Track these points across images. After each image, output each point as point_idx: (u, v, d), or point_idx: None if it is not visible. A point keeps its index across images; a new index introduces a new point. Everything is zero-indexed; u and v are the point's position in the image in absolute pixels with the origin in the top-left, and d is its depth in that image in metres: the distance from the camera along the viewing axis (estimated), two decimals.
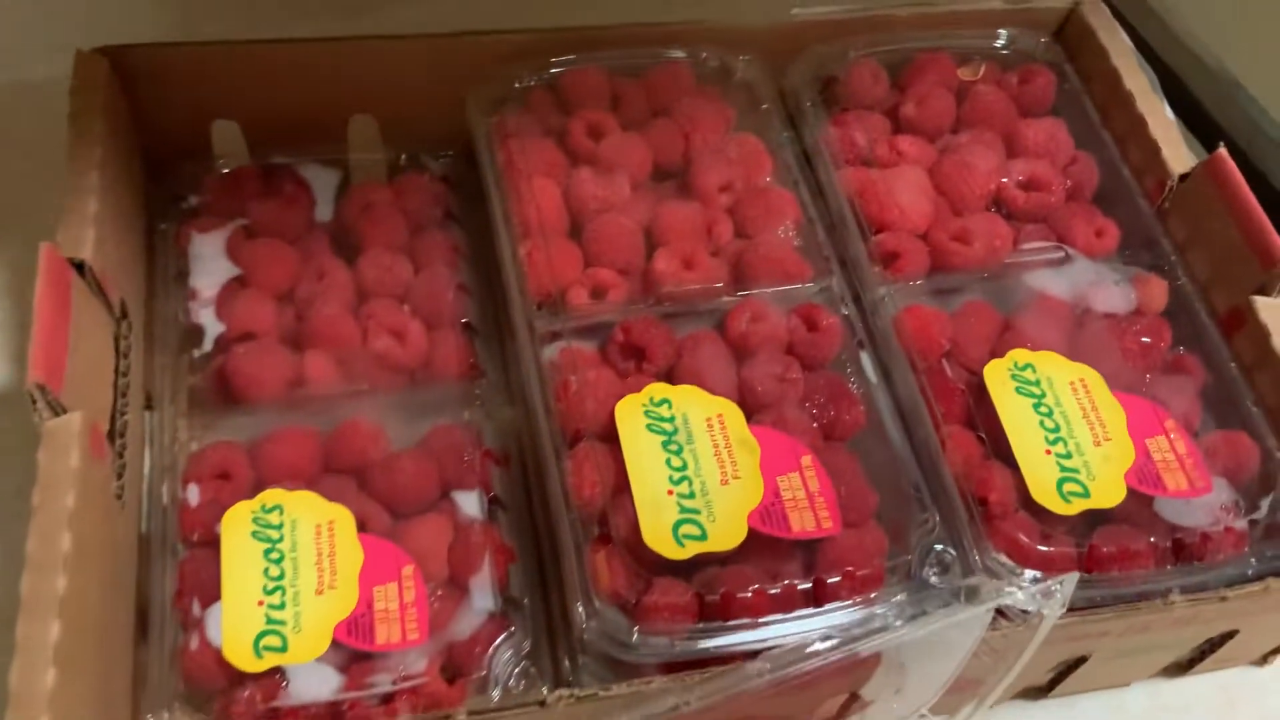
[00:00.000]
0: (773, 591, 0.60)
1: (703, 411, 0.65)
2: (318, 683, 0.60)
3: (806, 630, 0.59)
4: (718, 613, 0.59)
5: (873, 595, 0.60)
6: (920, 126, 0.81)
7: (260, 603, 0.61)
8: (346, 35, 0.78)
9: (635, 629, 0.58)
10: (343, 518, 0.64)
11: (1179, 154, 0.79)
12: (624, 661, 0.59)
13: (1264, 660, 0.75)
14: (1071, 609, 0.59)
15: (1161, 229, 0.78)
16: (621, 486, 0.63)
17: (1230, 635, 0.68)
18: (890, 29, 0.84)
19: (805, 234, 0.75)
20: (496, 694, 0.61)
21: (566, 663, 0.62)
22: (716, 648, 0.59)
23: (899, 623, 0.54)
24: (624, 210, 0.74)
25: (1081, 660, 0.66)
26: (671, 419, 0.65)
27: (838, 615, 0.60)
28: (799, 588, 0.60)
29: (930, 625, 0.51)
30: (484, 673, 0.62)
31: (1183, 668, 0.73)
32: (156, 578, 0.63)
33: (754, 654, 0.59)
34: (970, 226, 0.75)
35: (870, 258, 0.74)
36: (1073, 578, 0.53)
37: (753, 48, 0.81)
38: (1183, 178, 0.77)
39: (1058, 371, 0.68)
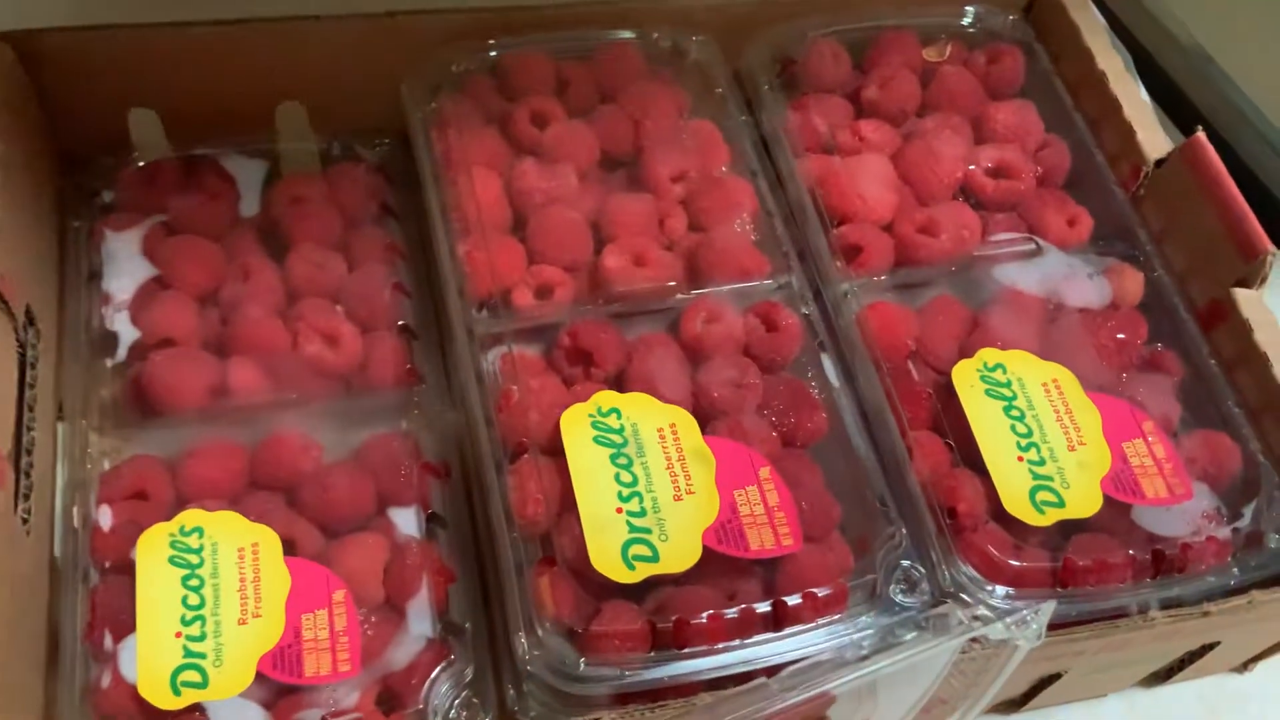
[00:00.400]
0: (729, 615, 0.56)
1: (654, 421, 0.61)
2: (240, 718, 0.56)
3: (766, 655, 0.56)
4: (671, 639, 0.55)
5: (836, 617, 0.56)
6: (884, 110, 0.77)
7: (178, 634, 0.57)
8: (272, 16, 0.73)
9: (581, 659, 0.54)
10: (268, 540, 0.60)
11: (1155, 138, 0.75)
12: (573, 694, 0.55)
13: (1245, 667, 0.72)
14: (1048, 628, 0.56)
15: (1137, 218, 0.74)
16: (567, 504, 0.59)
17: (1211, 646, 0.64)
18: (851, 7, 0.80)
19: (763, 226, 0.71)
20: None
21: (511, 691, 0.58)
22: (670, 677, 0.55)
23: (863, 651, 0.50)
24: (570, 203, 0.70)
25: (1057, 676, 0.63)
26: (620, 430, 0.60)
27: (799, 640, 0.56)
28: (758, 610, 0.56)
29: (894, 660, 0.47)
30: (422, 705, 0.57)
31: (1162, 677, 0.70)
32: (67, 607, 0.59)
33: (709, 683, 0.55)
34: (937, 217, 0.71)
35: (832, 251, 0.70)
36: (1049, 607, 0.50)
37: (707, 28, 0.77)
38: (1159, 163, 0.74)
39: (1029, 371, 0.65)
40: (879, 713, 0.57)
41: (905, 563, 0.58)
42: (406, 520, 0.63)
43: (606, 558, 0.56)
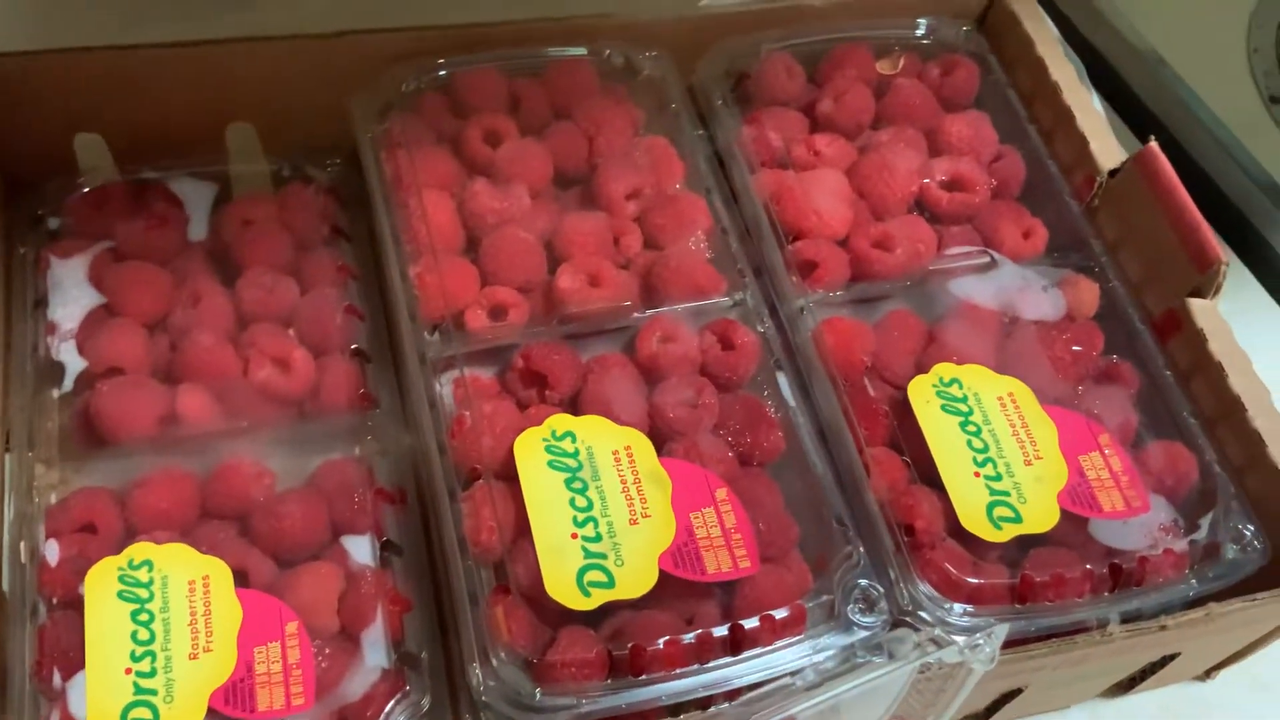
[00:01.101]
0: (687, 640, 0.55)
1: (609, 444, 0.60)
2: None
3: (725, 679, 0.55)
4: (628, 666, 0.55)
5: (794, 639, 0.56)
6: (838, 123, 0.77)
7: (128, 670, 0.56)
8: (220, 37, 0.72)
9: (537, 689, 0.54)
10: (218, 571, 0.59)
11: (1108, 148, 0.75)
12: None
13: (1207, 676, 0.72)
14: (1005, 644, 0.55)
15: (1091, 228, 0.74)
16: (522, 530, 0.58)
17: (1171, 657, 0.64)
18: (804, 20, 0.79)
19: (718, 243, 0.70)
20: None
21: None
22: (628, 705, 0.54)
23: (819, 675, 0.49)
24: (524, 223, 0.69)
25: (1018, 691, 0.63)
26: (575, 454, 0.60)
27: (757, 663, 0.55)
28: (715, 635, 0.56)
29: (849, 686, 0.47)
30: None
31: (1124, 688, 0.70)
32: (15, 644, 0.58)
33: (668, 709, 0.55)
34: (892, 231, 0.71)
35: (787, 267, 0.69)
36: (1002, 629, 0.50)
37: (659, 43, 0.76)
38: (1112, 173, 0.74)
39: (985, 386, 0.65)
40: None
41: (863, 582, 0.58)
42: (361, 548, 0.62)
43: (561, 585, 0.56)
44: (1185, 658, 0.66)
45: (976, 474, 0.62)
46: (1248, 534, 0.62)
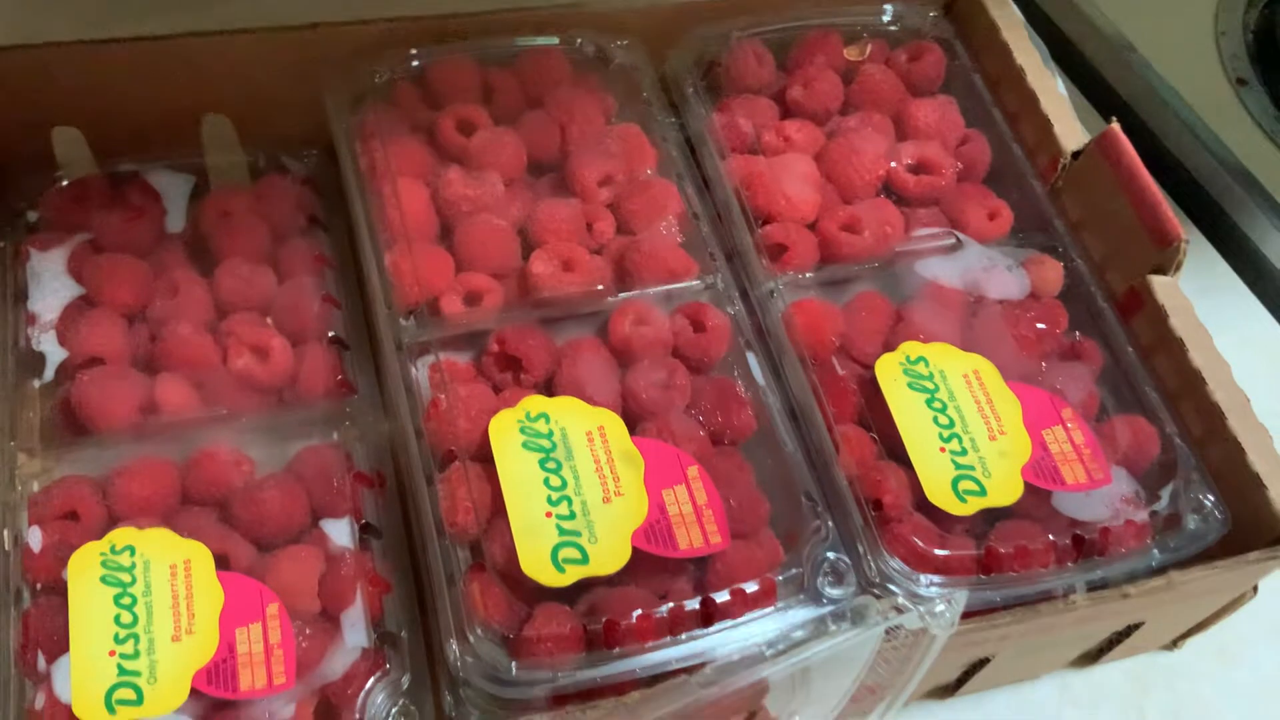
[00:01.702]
0: (659, 615, 0.56)
1: (583, 424, 0.61)
2: None
3: (698, 652, 0.56)
4: (602, 641, 0.56)
5: (765, 612, 0.57)
6: (808, 110, 0.78)
7: (112, 653, 0.57)
8: (195, 30, 0.73)
9: (514, 664, 0.55)
10: (200, 555, 0.60)
11: (1072, 130, 0.76)
12: (509, 698, 0.56)
13: (1174, 645, 0.73)
14: (970, 613, 0.57)
15: (1055, 209, 0.75)
16: (497, 509, 0.59)
17: (1136, 627, 0.66)
18: (774, 8, 0.80)
19: (690, 228, 0.71)
20: None
21: (448, 698, 0.59)
22: (604, 677, 0.56)
23: (785, 644, 0.50)
24: (497, 210, 0.70)
25: (985, 661, 0.64)
26: (549, 434, 0.61)
27: (729, 635, 0.57)
28: (688, 608, 0.57)
29: (814, 652, 0.48)
30: (359, 715, 0.58)
31: (1092, 658, 0.71)
32: (0, 630, 0.59)
33: (643, 682, 0.56)
34: (860, 214, 0.72)
35: (757, 250, 0.71)
36: (961, 596, 0.51)
37: (630, 32, 0.78)
38: (1075, 155, 0.75)
39: (951, 363, 0.66)
40: (812, 702, 0.58)
41: (832, 555, 0.59)
42: (340, 531, 0.63)
43: (536, 562, 0.57)
44: (1150, 627, 0.67)
45: (942, 449, 0.63)
46: (1208, 504, 0.63)
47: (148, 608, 0.58)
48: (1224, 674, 0.73)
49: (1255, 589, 0.66)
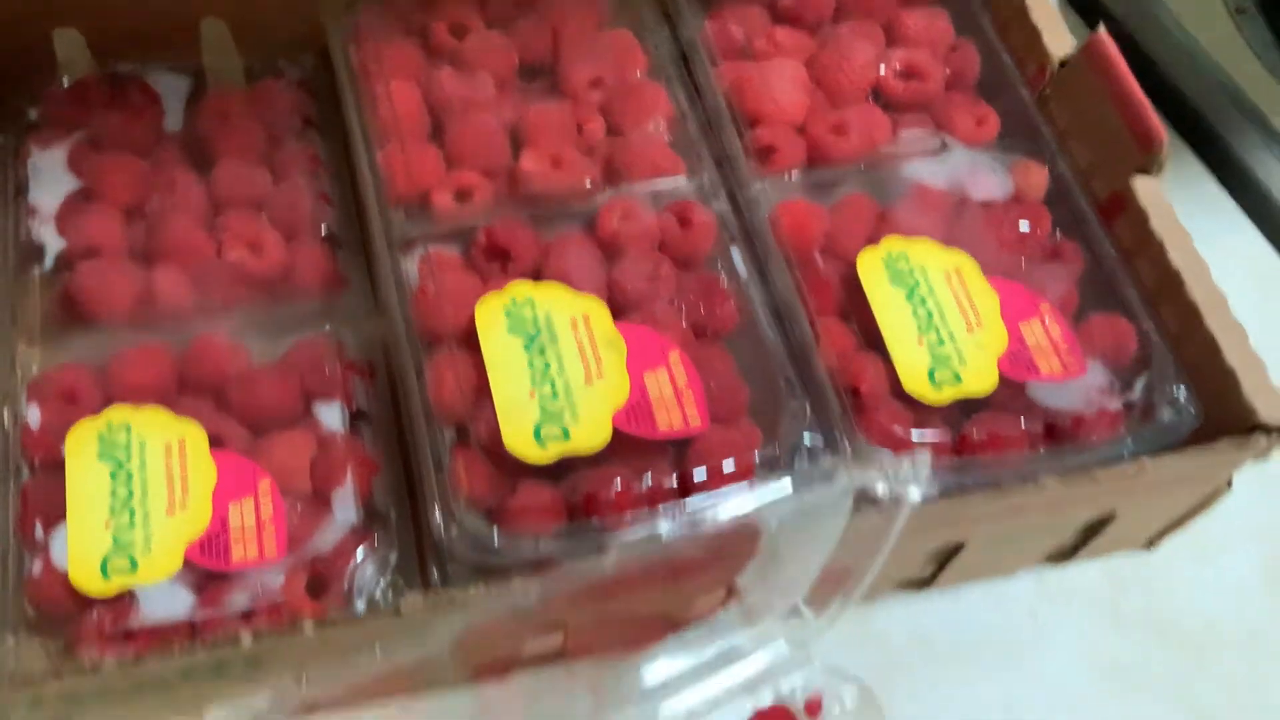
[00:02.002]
0: (638, 490, 0.58)
1: (568, 310, 0.63)
2: (170, 604, 0.58)
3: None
4: (583, 514, 0.57)
5: (740, 487, 0.59)
6: (799, 18, 0.78)
7: (107, 524, 0.59)
8: None
9: (497, 534, 0.57)
10: (194, 435, 0.62)
11: (1060, 39, 0.77)
12: (493, 569, 0.57)
13: (1151, 544, 0.75)
14: (943, 495, 0.58)
15: (1042, 117, 0.76)
16: (482, 391, 0.60)
17: (1109, 519, 0.67)
18: None
19: (679, 129, 0.72)
20: (361, 607, 0.59)
21: (435, 574, 0.60)
22: (584, 548, 0.57)
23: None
24: (489, 110, 0.71)
25: (958, 548, 0.66)
26: (534, 319, 0.62)
27: (705, 510, 0.58)
28: (666, 485, 0.59)
29: (778, 501, 0.50)
30: (348, 587, 0.60)
31: (1066, 554, 0.73)
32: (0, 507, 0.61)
33: None
34: (847, 118, 0.73)
35: (746, 152, 0.72)
36: (925, 458, 0.52)
37: None
38: (1063, 63, 0.76)
39: (931, 259, 0.67)
40: (784, 578, 0.59)
41: (808, 437, 0.60)
42: (331, 415, 0.64)
43: (519, 439, 0.58)
44: (1124, 521, 0.68)
45: (920, 341, 0.64)
46: (1182, 398, 0.64)
47: (143, 483, 0.60)
48: (1199, 574, 0.75)
49: (1229, 483, 0.67)
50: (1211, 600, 0.74)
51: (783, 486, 0.51)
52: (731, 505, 0.50)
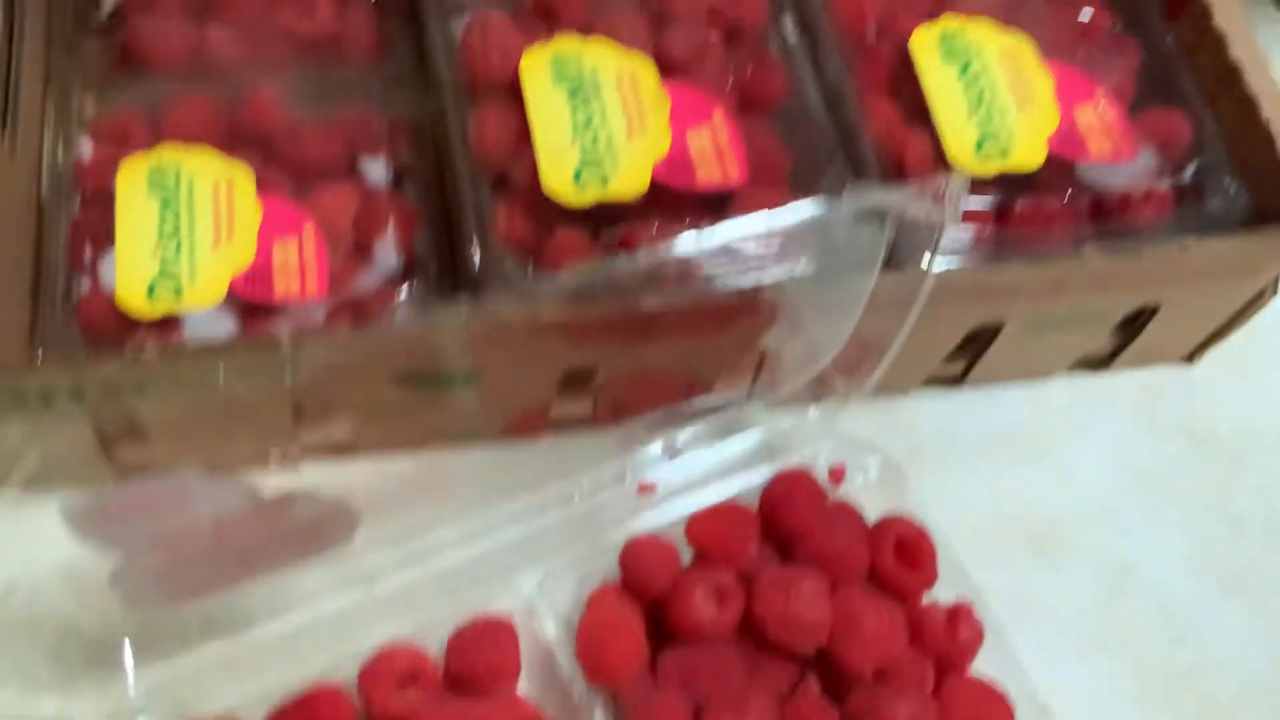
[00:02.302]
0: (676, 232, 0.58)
1: (614, 66, 0.63)
2: (213, 331, 0.59)
3: None
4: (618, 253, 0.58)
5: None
6: None
7: (155, 252, 0.60)
8: None
9: (530, 269, 0.57)
10: (242, 177, 0.62)
11: None
12: None
13: (1191, 358, 0.74)
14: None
15: None
16: (524, 140, 0.61)
17: (1151, 312, 0.66)
18: None
19: None
20: None
21: None
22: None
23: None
24: None
25: (993, 335, 0.65)
26: (580, 72, 0.62)
27: None
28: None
29: (808, 214, 0.50)
30: None
31: (1105, 361, 0.72)
32: (52, 239, 0.62)
33: None
34: None
35: None
36: (962, 176, 0.52)
37: None
38: None
39: (988, 39, 0.66)
40: (815, 342, 0.59)
41: None
42: (376, 170, 0.65)
43: (559, 180, 0.59)
44: (1166, 321, 0.67)
45: (969, 115, 0.63)
46: (1232, 189, 0.63)
47: (191, 217, 0.61)
48: (1238, 388, 0.74)
49: (1276, 286, 0.66)
50: (1250, 410, 0.73)
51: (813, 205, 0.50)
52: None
